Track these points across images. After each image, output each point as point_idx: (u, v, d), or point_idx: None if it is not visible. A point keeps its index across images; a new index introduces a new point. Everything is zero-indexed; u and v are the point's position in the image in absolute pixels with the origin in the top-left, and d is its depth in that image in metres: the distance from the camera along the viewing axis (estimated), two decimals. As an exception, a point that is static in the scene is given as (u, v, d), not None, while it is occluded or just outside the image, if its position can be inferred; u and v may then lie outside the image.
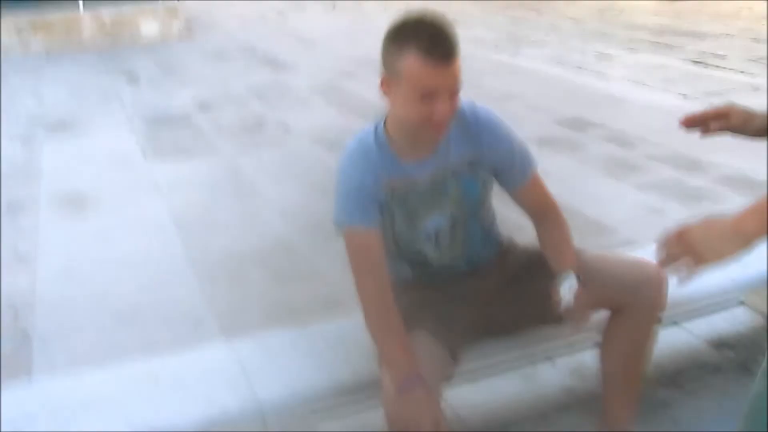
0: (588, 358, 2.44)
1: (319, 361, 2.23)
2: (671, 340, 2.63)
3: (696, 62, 9.54)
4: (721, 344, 3.10)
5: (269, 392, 2.11)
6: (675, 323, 3.12)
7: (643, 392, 2.31)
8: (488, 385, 2.80)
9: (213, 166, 5.94)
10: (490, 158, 2.09)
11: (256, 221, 4.75)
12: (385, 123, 2.04)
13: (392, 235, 2.10)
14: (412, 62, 1.82)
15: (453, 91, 1.89)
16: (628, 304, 2.09)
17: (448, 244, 2.16)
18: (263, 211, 4.94)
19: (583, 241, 2.17)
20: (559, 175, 2.44)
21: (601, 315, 2.15)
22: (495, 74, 8.69)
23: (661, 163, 5.59)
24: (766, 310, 3.24)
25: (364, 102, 7.77)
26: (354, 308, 2.51)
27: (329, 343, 2.32)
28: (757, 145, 2.01)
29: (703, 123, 1.93)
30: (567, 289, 1.99)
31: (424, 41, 1.81)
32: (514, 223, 2.38)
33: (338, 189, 2.04)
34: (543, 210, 2.19)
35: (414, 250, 2.16)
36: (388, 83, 1.91)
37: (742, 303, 3.33)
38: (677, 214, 4.58)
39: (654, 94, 7.89)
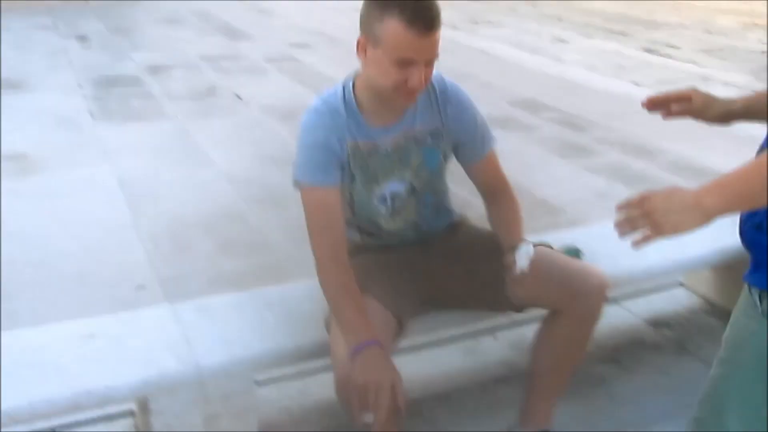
0: (528, 332, 2.46)
1: (261, 326, 2.21)
2: (610, 317, 2.67)
3: (649, 50, 9.67)
4: (659, 323, 3.16)
5: (209, 356, 2.08)
6: (615, 302, 3.18)
7: (580, 368, 2.34)
8: (430, 355, 2.83)
9: (162, 131, 5.85)
10: (453, 130, 2.10)
11: (204, 189, 4.70)
12: (353, 84, 2.02)
13: (348, 198, 2.09)
14: (393, 29, 1.80)
15: (430, 61, 1.88)
16: (566, 307, 2.06)
17: (402, 211, 2.16)
18: (212, 178, 4.88)
19: (530, 220, 2.19)
20: (510, 155, 2.46)
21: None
22: (451, 53, 8.67)
23: (610, 147, 5.67)
24: (704, 292, 3.31)
25: (318, 74, 7.73)
26: (301, 277, 2.51)
27: (272, 307, 2.30)
28: (702, 134, 2.03)
29: (666, 105, 1.94)
30: (523, 254, 1.99)
31: (408, 9, 1.79)
32: (463, 200, 2.39)
33: (301, 146, 2.01)
34: (496, 187, 2.20)
35: (367, 216, 2.15)
36: (364, 45, 1.89)
37: (681, 284, 3.41)
38: (623, 197, 4.64)
39: (606, 79, 7.99)
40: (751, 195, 1.33)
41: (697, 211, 1.35)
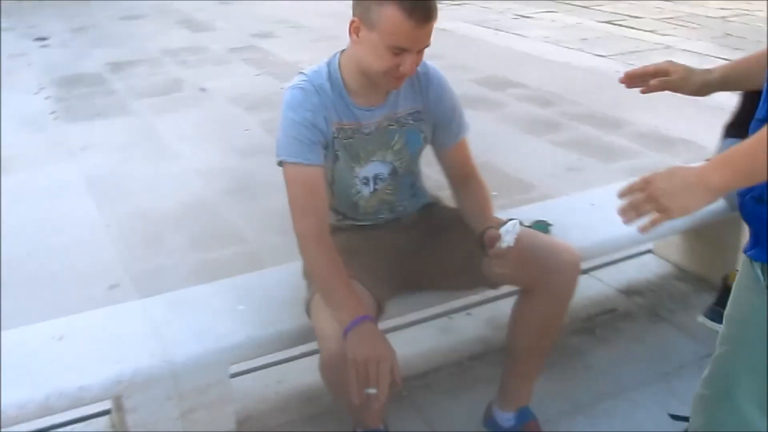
0: (502, 307, 2.47)
1: (233, 316, 2.19)
2: (583, 288, 2.68)
3: (611, 22, 9.71)
4: (631, 291, 3.19)
5: (182, 349, 2.05)
6: (587, 272, 3.20)
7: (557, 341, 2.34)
8: (405, 335, 2.82)
9: (127, 128, 5.78)
10: (433, 113, 2.11)
11: (172, 183, 4.65)
12: (339, 63, 2.01)
13: (330, 179, 2.08)
14: (392, 16, 1.79)
15: (422, 48, 1.88)
16: (540, 285, 2.06)
17: (380, 192, 2.16)
18: (180, 172, 4.83)
19: (501, 197, 2.18)
20: (479, 133, 2.44)
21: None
22: (415, 34, 8.65)
23: (578, 121, 5.69)
24: (673, 258, 3.34)
25: (282, 62, 7.67)
26: (274, 265, 2.48)
27: (243, 297, 2.28)
28: (671, 103, 2.02)
29: (643, 80, 1.93)
30: (511, 230, 1.98)
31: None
32: (435, 181, 2.38)
33: (285, 124, 1.98)
34: (465, 174, 2.20)
35: (346, 196, 2.14)
36: (357, 27, 1.88)
37: (650, 251, 3.43)
38: (594, 170, 4.68)
39: (571, 53, 8.01)
40: (756, 170, 1.31)
41: (702, 189, 1.33)
